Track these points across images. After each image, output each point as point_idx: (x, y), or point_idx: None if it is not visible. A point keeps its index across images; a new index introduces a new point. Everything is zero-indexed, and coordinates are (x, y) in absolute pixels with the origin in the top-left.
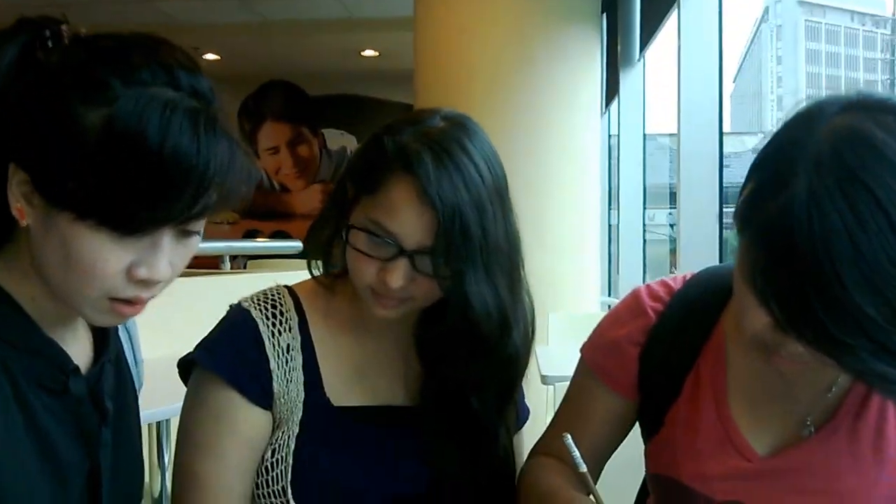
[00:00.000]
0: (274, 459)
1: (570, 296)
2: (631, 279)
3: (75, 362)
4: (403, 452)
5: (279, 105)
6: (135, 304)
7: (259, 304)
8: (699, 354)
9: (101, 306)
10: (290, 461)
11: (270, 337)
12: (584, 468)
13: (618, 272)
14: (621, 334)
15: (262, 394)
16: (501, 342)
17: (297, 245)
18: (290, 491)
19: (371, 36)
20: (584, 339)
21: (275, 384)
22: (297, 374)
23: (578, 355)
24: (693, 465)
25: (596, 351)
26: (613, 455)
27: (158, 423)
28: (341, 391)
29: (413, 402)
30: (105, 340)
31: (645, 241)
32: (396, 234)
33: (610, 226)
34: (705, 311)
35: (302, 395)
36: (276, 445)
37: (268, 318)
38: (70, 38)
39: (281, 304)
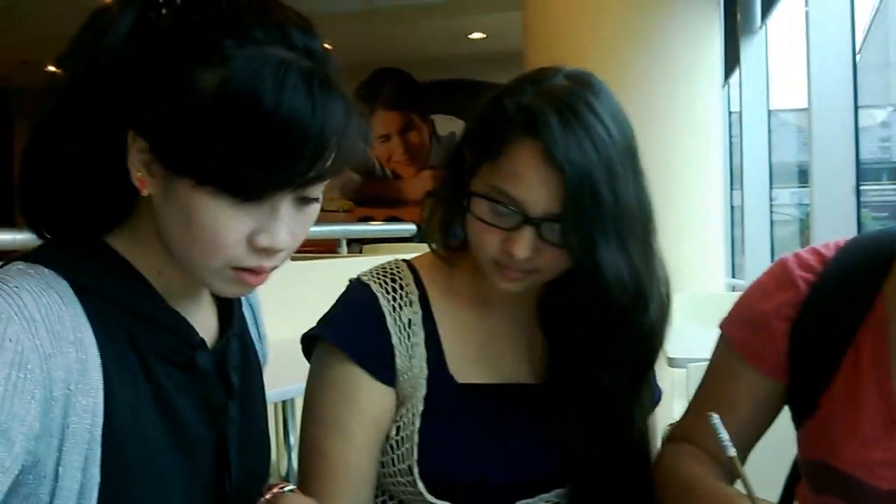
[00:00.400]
0: (399, 437)
1: (695, 277)
2: (758, 261)
3: (201, 335)
4: (531, 432)
5: (389, 93)
6: (258, 273)
7: (378, 279)
8: (859, 328)
9: (225, 276)
10: (416, 439)
11: (391, 311)
12: (732, 451)
13: (742, 254)
14: (768, 308)
15: (385, 370)
16: (636, 315)
17: (410, 228)
18: (416, 469)
19: (478, 18)
20: (712, 320)
21: (398, 360)
22: (419, 349)
23: (707, 336)
24: (854, 451)
25: (739, 327)
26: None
27: (284, 402)
28: (465, 368)
29: (539, 379)
30: (230, 314)
31: (772, 221)
32: (521, 201)
33: (732, 207)
34: (865, 279)
35: (425, 371)
36: (401, 423)
37: (388, 293)
38: (183, 2)
39: (400, 278)
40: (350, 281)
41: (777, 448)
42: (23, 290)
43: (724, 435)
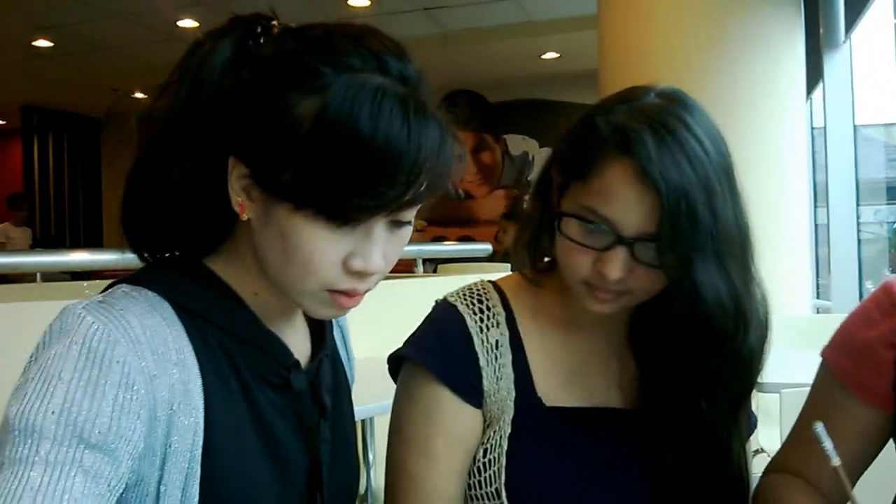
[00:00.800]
0: (486, 460)
1: (779, 298)
2: (844, 281)
3: (296, 357)
4: (623, 458)
5: (462, 113)
6: (352, 295)
7: (465, 299)
8: None
9: (320, 298)
10: (503, 462)
11: (479, 332)
12: (836, 461)
13: (828, 274)
14: (872, 336)
15: (472, 391)
16: (736, 338)
17: (486, 248)
18: (504, 493)
19: (552, 38)
20: (799, 343)
21: (485, 382)
22: (506, 371)
23: (795, 360)
24: None
25: (842, 355)
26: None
27: (363, 421)
28: (553, 391)
29: (630, 404)
30: (322, 336)
31: (860, 240)
32: (614, 220)
33: (816, 225)
34: None
35: (513, 393)
36: (488, 445)
37: (475, 314)
38: (280, 31)
39: (487, 300)
40: (436, 302)
41: (880, 480)
42: (129, 312)
43: (829, 444)
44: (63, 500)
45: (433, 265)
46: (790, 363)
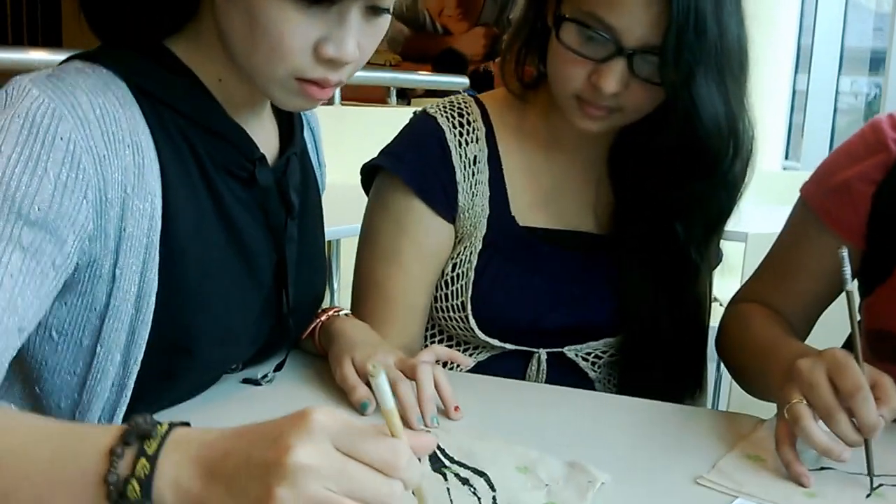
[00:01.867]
0: (455, 274)
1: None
2: (816, 146)
3: (262, 152)
4: (590, 280)
5: None
6: (323, 86)
7: (446, 112)
8: None
9: (289, 87)
10: (472, 276)
11: (457, 147)
12: (850, 287)
13: (801, 138)
14: (854, 173)
15: (446, 205)
16: (724, 161)
17: (463, 81)
18: (469, 306)
19: None
20: (766, 198)
21: (460, 196)
22: (482, 188)
23: (761, 213)
24: None
25: (821, 190)
26: None
27: (329, 242)
28: (528, 211)
29: (603, 229)
30: (291, 134)
31: (836, 109)
32: (617, 28)
33: (795, 91)
34: None
35: (487, 210)
36: (458, 260)
37: (454, 127)
38: None
39: (468, 114)
40: (415, 113)
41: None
42: (78, 88)
43: (847, 269)
44: None
45: (406, 100)
46: (756, 215)
